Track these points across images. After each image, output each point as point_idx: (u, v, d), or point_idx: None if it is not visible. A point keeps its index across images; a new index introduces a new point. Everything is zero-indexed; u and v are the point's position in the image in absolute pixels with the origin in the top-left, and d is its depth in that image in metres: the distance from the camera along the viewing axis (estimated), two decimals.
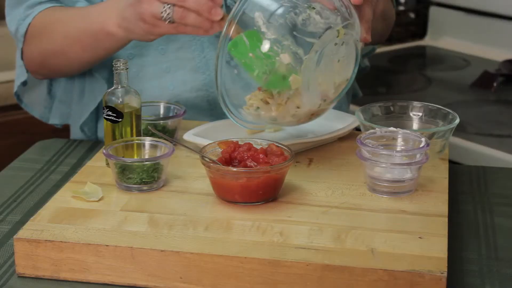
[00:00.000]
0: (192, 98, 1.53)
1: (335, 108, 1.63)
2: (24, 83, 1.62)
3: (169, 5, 1.30)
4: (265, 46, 1.23)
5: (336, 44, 1.24)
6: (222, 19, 1.29)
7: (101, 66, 1.55)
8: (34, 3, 1.53)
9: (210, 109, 1.56)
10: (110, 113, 1.31)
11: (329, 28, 1.23)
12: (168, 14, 1.31)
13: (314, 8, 1.24)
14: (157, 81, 1.54)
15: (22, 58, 1.57)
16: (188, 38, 1.53)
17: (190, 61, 1.54)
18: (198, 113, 1.55)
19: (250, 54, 1.23)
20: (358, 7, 1.30)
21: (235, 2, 1.33)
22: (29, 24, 1.52)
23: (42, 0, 1.53)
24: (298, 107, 1.26)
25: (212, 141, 1.29)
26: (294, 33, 1.23)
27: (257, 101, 1.28)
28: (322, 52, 1.23)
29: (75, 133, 1.65)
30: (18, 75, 1.63)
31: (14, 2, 1.55)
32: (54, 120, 1.67)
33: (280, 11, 1.24)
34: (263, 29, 1.23)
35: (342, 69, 1.28)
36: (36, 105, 1.68)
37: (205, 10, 1.29)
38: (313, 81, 1.24)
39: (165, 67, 1.54)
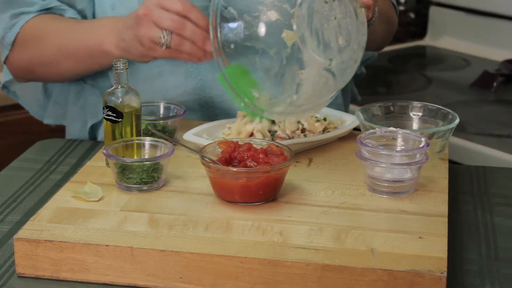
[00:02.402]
0: (184, 102, 1.53)
1: (336, 108, 1.63)
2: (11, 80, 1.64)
3: (167, 32, 1.34)
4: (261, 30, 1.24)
5: (326, 1, 1.24)
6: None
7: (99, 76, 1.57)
8: (19, 12, 1.53)
9: (202, 111, 1.56)
10: (110, 113, 1.31)
11: None
12: (165, 40, 1.35)
13: None
14: (149, 85, 1.54)
15: (5, 63, 1.58)
16: None
17: (182, 66, 1.54)
18: (190, 114, 1.55)
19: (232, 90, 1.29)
20: None
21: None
22: (18, 32, 1.52)
23: (28, 10, 1.53)
24: (302, 72, 1.26)
25: (212, 141, 1.29)
26: None
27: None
28: (312, 6, 1.23)
29: (71, 134, 1.65)
30: (6, 72, 1.64)
31: None
32: (49, 120, 1.67)
33: None
34: None
35: (342, 28, 1.27)
36: (31, 102, 1.69)
37: (200, 40, 1.34)
38: (309, 37, 1.23)
39: (157, 71, 1.54)
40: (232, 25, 1.26)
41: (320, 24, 1.24)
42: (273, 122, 1.39)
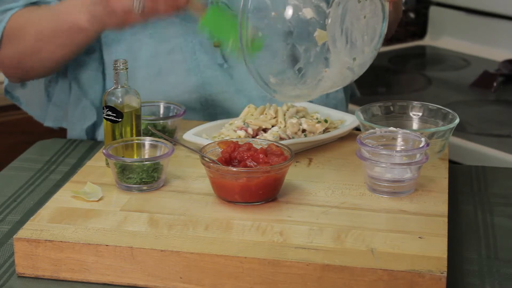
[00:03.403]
0: (184, 100, 1.53)
1: (338, 102, 1.63)
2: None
3: None
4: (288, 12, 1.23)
5: (359, 0, 1.24)
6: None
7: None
8: (5, 9, 1.54)
9: (203, 109, 1.56)
10: (110, 113, 1.31)
11: None
12: (139, 5, 1.36)
13: None
14: (149, 84, 1.54)
15: None
16: (179, 40, 1.53)
17: (182, 64, 1.54)
18: (192, 113, 1.55)
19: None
20: None
21: None
22: (3, 29, 1.52)
23: (14, 6, 1.53)
24: (326, 70, 1.25)
25: (212, 141, 1.29)
26: None
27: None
28: (346, 6, 1.22)
29: (72, 136, 1.65)
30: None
31: None
32: (49, 122, 1.67)
33: None
34: None
35: (369, 27, 1.27)
36: (33, 106, 1.69)
37: None
38: (339, 38, 1.23)
39: (157, 70, 1.54)
40: (263, 14, 1.24)
41: (350, 23, 1.24)
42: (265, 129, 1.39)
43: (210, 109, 1.56)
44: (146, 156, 1.30)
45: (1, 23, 1.53)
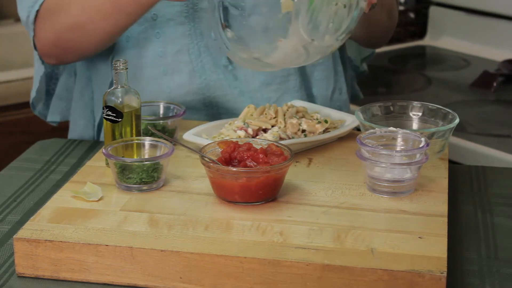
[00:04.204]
0: (188, 101, 1.53)
1: (342, 104, 1.63)
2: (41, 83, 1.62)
3: None
4: None
5: None
6: None
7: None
8: None
9: (206, 110, 1.56)
10: (110, 113, 1.31)
11: None
12: None
13: None
14: (154, 83, 1.54)
15: (35, 47, 1.55)
16: (186, 41, 1.53)
17: (187, 65, 1.54)
18: (194, 113, 1.55)
19: None
20: None
21: None
22: (41, 5, 1.50)
23: None
24: (281, 40, 1.24)
25: (212, 141, 1.29)
26: None
27: None
28: None
29: (74, 130, 1.65)
30: (36, 79, 1.62)
31: None
32: (53, 117, 1.67)
33: None
34: None
35: (337, 17, 1.26)
36: (37, 103, 1.69)
37: None
38: (304, 13, 1.23)
39: (163, 69, 1.54)
40: None
41: (320, 4, 1.23)
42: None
43: (213, 110, 1.56)
44: (146, 156, 1.30)
45: (36, 3, 1.50)
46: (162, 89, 1.54)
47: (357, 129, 1.45)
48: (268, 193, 1.21)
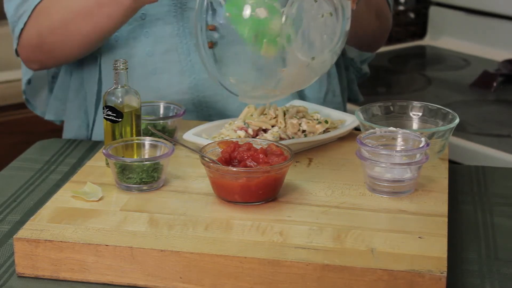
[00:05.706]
0: (177, 101, 1.53)
1: (335, 107, 1.63)
2: (29, 81, 1.62)
3: None
4: (246, 12, 1.22)
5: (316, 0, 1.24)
6: None
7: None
8: None
9: (197, 111, 1.56)
10: (110, 113, 1.31)
11: None
12: None
13: None
14: (143, 82, 1.54)
15: (17, 53, 1.55)
16: (175, 41, 1.53)
17: (176, 64, 1.54)
18: (185, 115, 1.55)
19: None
20: None
21: None
22: (35, 5, 1.49)
23: None
24: (283, 70, 1.25)
25: (212, 141, 1.29)
26: None
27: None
28: (301, 5, 1.22)
29: (68, 131, 1.65)
30: (24, 73, 1.62)
31: None
32: (50, 116, 1.67)
33: None
34: None
35: (328, 26, 1.26)
36: (39, 102, 1.69)
37: None
38: (295, 38, 1.23)
39: (152, 69, 1.54)
40: (221, 12, 1.23)
41: (307, 23, 1.24)
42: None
43: (204, 110, 1.56)
44: (146, 156, 1.30)
45: (24, 15, 1.51)
46: (152, 88, 1.54)
47: (357, 129, 1.45)
48: (268, 193, 1.21)
